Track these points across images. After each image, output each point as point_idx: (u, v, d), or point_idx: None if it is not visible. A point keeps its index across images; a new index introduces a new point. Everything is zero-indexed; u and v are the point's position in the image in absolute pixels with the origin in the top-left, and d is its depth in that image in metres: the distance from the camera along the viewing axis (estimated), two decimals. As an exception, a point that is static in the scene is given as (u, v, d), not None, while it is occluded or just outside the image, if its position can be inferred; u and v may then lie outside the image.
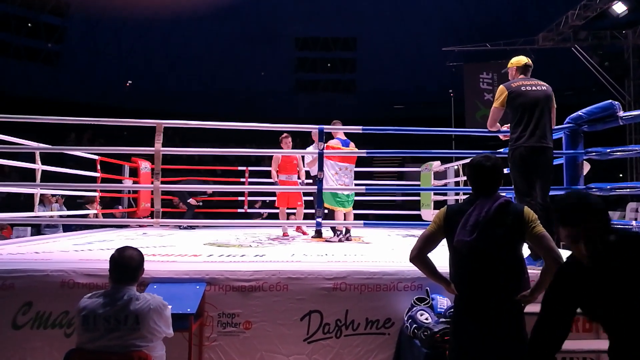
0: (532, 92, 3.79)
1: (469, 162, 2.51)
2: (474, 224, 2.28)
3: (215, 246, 5.09)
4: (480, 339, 2.26)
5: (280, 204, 6.61)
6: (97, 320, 2.35)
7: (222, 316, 3.32)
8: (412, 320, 3.03)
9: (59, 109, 14.37)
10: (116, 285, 2.48)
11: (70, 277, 3.31)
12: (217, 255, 4.27)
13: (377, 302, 3.37)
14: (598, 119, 4.48)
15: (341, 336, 3.33)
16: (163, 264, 3.66)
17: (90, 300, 2.43)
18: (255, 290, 3.35)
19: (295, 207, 6.79)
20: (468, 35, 19.85)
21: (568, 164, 4.64)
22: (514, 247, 2.33)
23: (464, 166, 6.40)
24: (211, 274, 3.39)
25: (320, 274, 3.41)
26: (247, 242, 5.56)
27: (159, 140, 4.43)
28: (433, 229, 2.44)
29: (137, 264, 2.56)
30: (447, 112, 20.12)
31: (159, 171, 4.50)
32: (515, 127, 3.80)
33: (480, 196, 2.38)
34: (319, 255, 4.44)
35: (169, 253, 4.34)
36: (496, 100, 3.96)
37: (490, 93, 17.39)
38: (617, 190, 4.63)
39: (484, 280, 2.29)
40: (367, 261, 4.02)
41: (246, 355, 3.30)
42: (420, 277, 3.20)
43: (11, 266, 3.43)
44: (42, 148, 5.73)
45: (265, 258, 4.13)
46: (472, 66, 18.77)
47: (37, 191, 5.75)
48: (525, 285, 2.33)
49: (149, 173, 8.12)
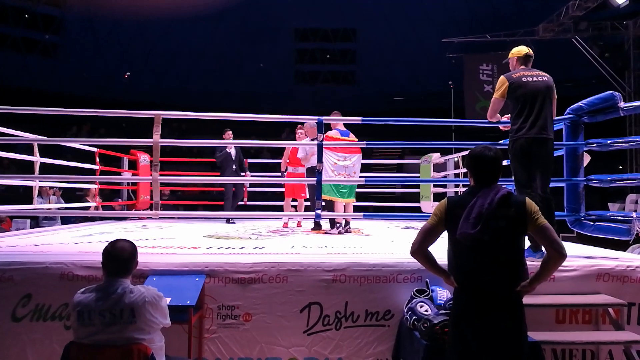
0: (533, 82, 3.76)
1: (470, 152, 2.48)
2: (477, 216, 2.26)
3: (214, 238, 5.08)
4: (480, 331, 2.26)
5: (287, 194, 6.68)
6: (92, 315, 2.33)
7: (222, 308, 3.32)
8: (411, 312, 3.03)
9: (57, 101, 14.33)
10: (109, 279, 2.46)
11: (70, 270, 3.30)
12: (217, 248, 4.26)
13: (376, 294, 3.36)
14: (599, 110, 4.45)
15: (341, 328, 3.33)
16: (162, 256, 3.65)
17: (83, 295, 2.40)
18: (254, 282, 3.35)
19: (298, 199, 6.83)
20: (468, 27, 19.76)
21: (568, 155, 4.62)
22: (516, 239, 2.32)
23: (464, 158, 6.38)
24: (211, 266, 3.38)
25: (320, 265, 3.40)
26: (246, 234, 5.56)
27: (157, 132, 4.40)
28: (434, 222, 2.42)
29: (129, 256, 2.52)
30: (447, 104, 20.06)
31: (157, 163, 4.48)
32: (516, 118, 3.78)
33: (481, 187, 2.36)
34: (318, 247, 4.44)
35: (169, 245, 4.34)
36: (497, 91, 3.94)
37: (490, 84, 17.31)
38: (617, 181, 4.61)
39: (486, 272, 2.28)
40: (366, 253, 4.03)
41: (246, 347, 3.30)
42: (419, 269, 3.20)
43: (10, 258, 3.42)
44: (41, 140, 5.70)
45: (265, 250, 4.13)
46: (472, 57, 18.67)
47: (35, 184, 5.73)
48: (524, 276, 2.33)
49: (148, 165, 8.09)
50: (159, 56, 23.17)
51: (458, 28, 19.60)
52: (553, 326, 3.34)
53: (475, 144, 2.65)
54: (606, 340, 3.24)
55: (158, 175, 4.48)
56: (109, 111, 4.96)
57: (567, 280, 3.39)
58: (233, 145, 7.45)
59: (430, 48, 21.25)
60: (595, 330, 3.38)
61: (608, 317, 3.33)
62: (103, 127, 19.93)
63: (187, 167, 7.78)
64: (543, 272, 2.31)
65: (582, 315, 3.40)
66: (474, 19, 21.27)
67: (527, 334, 2.36)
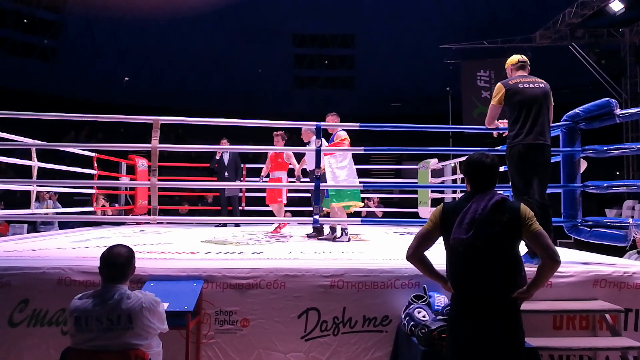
0: (530, 89, 3.78)
1: (467, 159, 2.50)
2: (470, 222, 2.27)
3: (212, 244, 5.08)
4: (477, 337, 2.26)
5: (271, 200, 6.72)
6: (89, 321, 2.33)
7: (220, 314, 3.31)
8: (409, 317, 3.03)
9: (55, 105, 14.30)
10: (106, 285, 2.46)
11: (67, 275, 3.30)
12: (215, 253, 4.26)
13: (374, 300, 3.37)
14: (595, 116, 4.48)
15: (339, 334, 3.33)
16: (160, 262, 3.65)
17: (80, 301, 2.40)
18: (252, 288, 3.34)
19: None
20: (466, 33, 19.85)
21: (565, 161, 4.64)
22: (510, 244, 2.33)
23: (461, 164, 6.40)
24: (208, 272, 3.38)
25: (318, 271, 3.41)
26: (244, 240, 5.55)
27: (155, 137, 4.41)
28: (429, 227, 2.44)
29: (126, 262, 2.52)
30: (445, 110, 20.13)
31: (155, 168, 4.49)
32: (513, 125, 3.79)
33: (476, 193, 2.38)
34: (316, 252, 4.44)
35: (166, 250, 4.33)
36: (494, 97, 3.96)
37: (488, 91, 17.41)
38: (613, 188, 4.63)
39: (480, 278, 2.29)
40: (364, 259, 4.03)
41: (243, 353, 3.29)
42: (417, 274, 3.20)
43: (8, 263, 3.41)
44: (39, 145, 5.71)
45: (263, 256, 4.13)
46: (470, 64, 18.78)
47: (33, 188, 5.72)
48: (521, 282, 2.33)
49: (146, 170, 8.09)
50: (157, 60, 23.19)
51: (456, 34, 19.72)
52: (550, 332, 3.35)
53: (473, 150, 2.66)
54: (603, 347, 3.24)
55: (157, 180, 4.49)
56: (107, 116, 4.97)
57: (564, 286, 3.40)
58: (226, 151, 7.50)
59: (429, 54, 21.33)
60: (592, 336, 3.39)
61: (605, 323, 3.33)
62: (101, 131, 19.91)
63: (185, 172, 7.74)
64: (538, 279, 2.31)
65: (579, 321, 3.41)
66: (471, 25, 21.38)
67: (524, 339, 2.36)
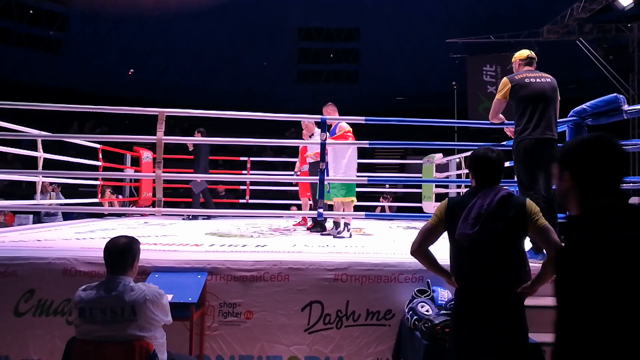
0: (536, 83, 3.75)
1: (473, 153, 2.49)
2: (476, 217, 2.27)
3: (216, 236, 5.10)
4: (481, 332, 2.26)
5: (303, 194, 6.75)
6: (93, 312, 2.34)
7: (223, 306, 3.33)
8: (412, 312, 3.04)
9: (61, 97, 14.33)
10: (111, 276, 2.47)
11: (72, 265, 3.32)
12: (219, 245, 4.27)
13: (378, 294, 3.37)
14: (602, 112, 4.44)
15: (342, 327, 3.34)
16: (164, 253, 3.66)
17: (85, 292, 2.41)
18: (256, 281, 3.36)
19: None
20: (472, 27, 19.71)
21: (571, 157, 4.61)
22: (515, 239, 2.32)
23: (466, 159, 6.37)
24: (213, 264, 3.39)
25: (322, 264, 3.41)
26: (248, 233, 5.57)
27: (160, 129, 4.42)
28: (434, 222, 2.43)
29: (128, 253, 2.52)
30: (450, 105, 20.02)
31: (160, 160, 4.50)
32: (520, 119, 3.77)
33: (482, 188, 2.37)
34: (320, 246, 4.44)
35: (171, 242, 4.35)
36: (499, 92, 3.93)
37: (494, 86, 17.31)
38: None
39: (485, 273, 2.28)
40: (368, 253, 4.03)
41: (247, 345, 3.31)
42: (421, 269, 3.19)
43: (13, 253, 3.44)
44: (44, 135, 5.72)
45: (267, 248, 4.14)
46: (476, 58, 18.66)
47: (38, 179, 5.75)
48: (526, 278, 2.33)
49: (150, 162, 8.12)
50: (160, 54, 23.17)
51: (462, 29, 19.56)
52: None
53: (478, 145, 2.65)
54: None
55: (162, 172, 4.50)
56: (113, 108, 4.98)
57: (568, 282, 3.39)
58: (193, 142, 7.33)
59: (434, 49, 21.22)
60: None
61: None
62: (105, 123, 19.95)
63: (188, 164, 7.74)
64: (544, 274, 2.31)
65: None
66: (477, 19, 21.23)
67: (528, 335, 2.36)
